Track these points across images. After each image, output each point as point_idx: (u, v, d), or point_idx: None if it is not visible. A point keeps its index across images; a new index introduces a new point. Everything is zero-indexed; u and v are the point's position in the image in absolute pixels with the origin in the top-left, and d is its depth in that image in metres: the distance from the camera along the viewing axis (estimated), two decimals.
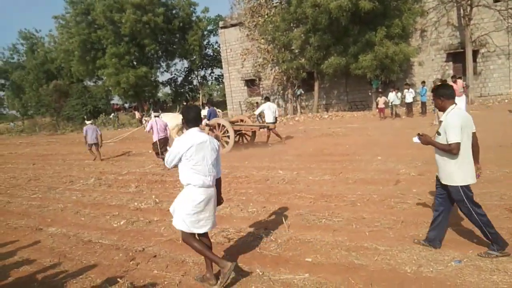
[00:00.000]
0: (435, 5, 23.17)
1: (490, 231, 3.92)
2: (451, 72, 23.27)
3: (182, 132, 12.93)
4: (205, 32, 38.02)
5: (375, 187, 6.98)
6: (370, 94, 24.79)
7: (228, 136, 12.74)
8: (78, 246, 5.56)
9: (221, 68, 34.76)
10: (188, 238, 3.86)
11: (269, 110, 14.23)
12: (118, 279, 4.29)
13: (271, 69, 27.07)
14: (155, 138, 11.30)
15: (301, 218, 5.65)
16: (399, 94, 19.62)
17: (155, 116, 12.08)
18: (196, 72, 41.19)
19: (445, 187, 4.09)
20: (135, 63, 33.64)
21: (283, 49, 24.95)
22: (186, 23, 33.92)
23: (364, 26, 21.58)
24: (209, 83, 46.31)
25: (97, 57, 33.08)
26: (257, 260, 4.42)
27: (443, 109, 4.09)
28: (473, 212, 3.92)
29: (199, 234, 3.91)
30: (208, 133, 12.36)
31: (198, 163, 3.67)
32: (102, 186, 9.76)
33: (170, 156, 3.72)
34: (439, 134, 4.03)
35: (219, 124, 13.19)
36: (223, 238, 5.23)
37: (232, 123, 13.89)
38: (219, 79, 43.12)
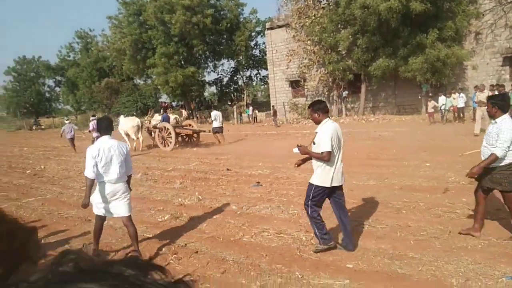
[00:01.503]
0: (492, 7, 21.99)
1: (316, 226, 4.60)
2: (507, 77, 22.05)
3: (140, 132, 16.67)
4: (253, 33, 38.30)
5: (422, 195, 6.74)
6: (419, 97, 23.97)
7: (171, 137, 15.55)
8: (124, 238, 5.76)
9: (267, 69, 34.87)
10: (97, 220, 4.91)
11: (217, 118, 16.80)
12: None
13: (317, 70, 26.82)
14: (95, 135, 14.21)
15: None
16: (450, 98, 18.85)
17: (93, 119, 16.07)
18: (242, 73, 41.60)
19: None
20: (183, 62, 34.45)
21: (329, 50, 24.66)
22: (233, 24, 34.32)
23: (415, 28, 20.90)
24: (254, 83, 46.60)
25: (147, 56, 34.18)
26: (297, 263, 4.40)
27: (318, 122, 4.61)
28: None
29: (121, 218, 4.93)
30: (158, 134, 16.03)
31: (106, 164, 4.56)
32: (149, 181, 10.07)
33: (87, 163, 4.57)
34: (314, 143, 4.57)
35: (164, 127, 15.74)
36: (263, 239, 5.25)
37: (181, 127, 16.93)
38: (264, 80, 43.29)
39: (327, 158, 4.39)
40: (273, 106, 29.43)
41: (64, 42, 65.33)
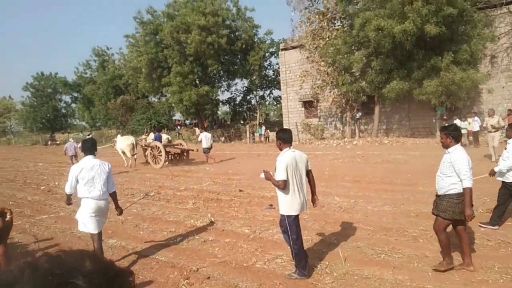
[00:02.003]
0: (508, 30, 21.88)
1: (298, 257, 4.63)
2: None
3: (135, 150, 17.94)
4: (266, 54, 38.68)
5: None
6: (434, 121, 23.75)
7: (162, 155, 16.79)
8: (136, 260, 5.73)
9: (280, 89, 35.03)
10: (93, 237, 5.18)
11: (205, 139, 18.14)
12: None
13: (330, 91, 26.85)
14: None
15: (359, 251, 5.44)
16: (466, 122, 18.64)
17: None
18: (255, 92, 41.87)
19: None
20: (197, 81, 34.84)
21: (343, 71, 24.70)
22: (248, 45, 34.71)
23: (430, 51, 20.85)
24: (267, 103, 46.78)
25: (162, 75, 34.63)
26: None
27: (280, 150, 4.84)
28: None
29: (94, 234, 5.15)
30: (150, 153, 17.25)
31: (88, 182, 4.99)
32: (161, 200, 10.07)
33: (68, 181, 5.07)
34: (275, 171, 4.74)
35: (156, 146, 17.01)
36: (276, 266, 5.16)
37: (172, 146, 18.68)
38: (277, 100, 43.48)
39: (282, 186, 4.58)
40: (265, 126, 29.77)
41: (82, 59, 66.80)
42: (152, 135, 19.11)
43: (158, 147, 16.88)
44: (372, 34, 20.65)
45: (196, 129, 36.31)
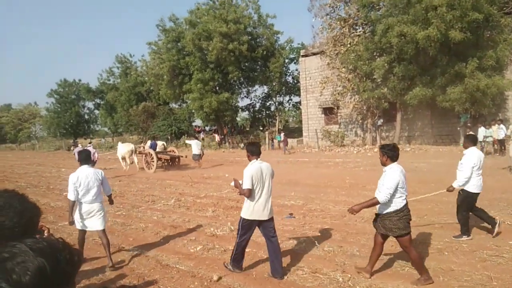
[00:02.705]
0: None
1: (235, 253, 5.24)
2: None
3: (134, 156, 19.56)
4: (286, 60, 38.66)
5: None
6: (458, 128, 23.23)
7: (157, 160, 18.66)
8: (156, 269, 5.74)
9: (299, 95, 34.93)
10: (79, 233, 5.91)
11: (196, 145, 19.37)
12: None
13: (351, 98, 26.61)
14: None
15: (382, 263, 5.32)
16: (490, 130, 18.17)
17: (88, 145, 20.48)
18: (274, 99, 41.85)
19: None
20: (218, 88, 35.06)
21: (364, 78, 24.46)
22: (269, 51, 34.77)
23: (454, 57, 20.46)
24: (286, 109, 46.67)
25: (183, 82, 34.96)
26: None
27: (249, 161, 5.17)
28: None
29: (97, 231, 5.97)
30: (144, 159, 19.06)
31: (83, 189, 5.64)
32: (181, 207, 10.11)
33: (69, 188, 5.67)
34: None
35: (149, 153, 18.88)
36: (297, 277, 5.08)
37: (164, 152, 20.26)
38: (296, 106, 43.34)
39: (246, 194, 5.02)
40: (284, 133, 29.61)
41: (105, 66, 68.06)
42: (149, 143, 20.57)
43: (151, 154, 18.72)
44: (395, 40, 20.40)
45: (216, 135, 36.52)
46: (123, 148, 19.80)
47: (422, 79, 21.41)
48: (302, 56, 31.77)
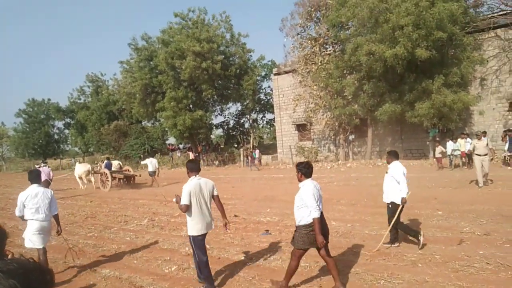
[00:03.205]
0: (496, 53, 22.37)
1: (203, 271, 5.33)
2: None
3: (91, 176, 20.98)
4: (258, 78, 39.03)
5: (437, 246, 6.55)
6: (427, 143, 23.91)
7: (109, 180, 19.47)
8: None
9: (273, 112, 35.25)
10: (39, 251, 5.99)
11: (150, 164, 20.12)
12: None
13: (323, 115, 27.07)
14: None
15: (358, 277, 5.35)
16: (458, 144, 18.80)
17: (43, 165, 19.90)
18: (248, 116, 42.05)
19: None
20: (191, 106, 34.96)
21: (335, 95, 24.97)
22: (242, 69, 35.06)
23: (421, 74, 21.20)
24: (260, 126, 46.94)
25: (156, 100, 34.69)
26: None
27: (189, 177, 5.45)
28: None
29: (39, 249, 6.00)
30: (100, 178, 20.07)
31: (32, 207, 5.91)
32: (155, 227, 9.91)
33: (17, 206, 5.95)
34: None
35: (104, 172, 19.76)
36: None
37: (118, 172, 21.15)
38: (270, 123, 43.67)
39: (183, 210, 5.25)
40: (253, 149, 30.27)
41: (76, 85, 66.58)
42: (105, 163, 21.14)
43: (106, 173, 19.68)
44: (364, 58, 20.99)
45: (190, 153, 36.22)
46: (80, 168, 21.37)
47: (391, 95, 22.03)
48: (275, 74, 32.21)
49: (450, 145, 18.88)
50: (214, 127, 42.74)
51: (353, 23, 23.13)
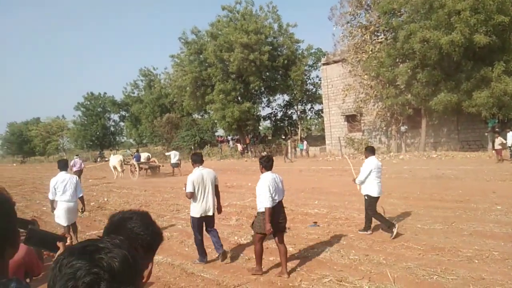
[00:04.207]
0: None
1: (198, 248, 6.34)
2: None
3: (124, 165, 23.18)
4: (306, 68, 38.58)
5: (495, 242, 6.22)
6: (485, 133, 22.64)
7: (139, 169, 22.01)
8: (182, 277, 5.79)
9: (321, 103, 34.78)
10: (64, 228, 7.00)
11: (174, 156, 22.88)
12: None
13: (374, 105, 26.35)
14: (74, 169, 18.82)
15: (409, 272, 5.21)
16: None
17: (75, 157, 21.72)
18: (296, 107, 41.76)
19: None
20: (239, 98, 35.28)
21: (387, 84, 24.19)
22: (290, 60, 34.81)
23: (479, 61, 20.06)
24: (308, 117, 46.45)
25: (206, 93, 35.32)
26: None
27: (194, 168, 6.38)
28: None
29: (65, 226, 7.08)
30: (130, 168, 22.65)
31: (61, 190, 6.95)
32: None
33: (50, 191, 7.02)
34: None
35: (132, 164, 22.47)
36: (323, 286, 5.03)
37: (146, 163, 23.43)
38: (319, 114, 43.08)
39: (188, 196, 6.17)
40: (285, 143, 30.43)
41: (130, 79, 69.05)
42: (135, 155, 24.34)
43: (134, 164, 22.27)
44: (417, 46, 20.16)
45: (238, 145, 36.65)
46: (114, 159, 23.83)
47: (446, 84, 21.03)
48: (324, 64, 31.71)
49: (510, 136, 17.76)
50: (261, 119, 42.87)
51: (406, 9, 22.26)
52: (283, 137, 39.34)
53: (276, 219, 5.35)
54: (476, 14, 18.26)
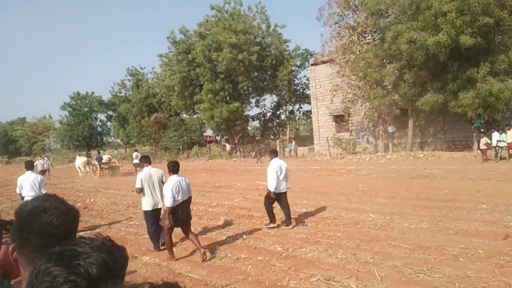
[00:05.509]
0: None
1: (151, 238, 7.28)
2: None
3: (87, 165, 25.56)
4: (294, 68, 38.69)
5: (481, 241, 6.30)
6: (474, 134, 22.91)
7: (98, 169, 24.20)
8: (169, 277, 5.74)
9: (309, 103, 34.90)
10: None
11: (136, 157, 24.36)
12: None
13: (362, 105, 26.53)
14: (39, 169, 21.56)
15: (396, 271, 5.25)
16: (504, 135, 17.92)
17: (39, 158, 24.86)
18: (284, 107, 41.86)
19: None
20: (228, 98, 35.24)
21: (375, 85, 24.38)
22: (278, 60, 34.88)
23: (465, 62, 20.32)
24: (297, 118, 46.58)
25: (194, 92, 35.22)
26: None
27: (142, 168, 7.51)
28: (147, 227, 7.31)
29: None
30: (91, 168, 25.16)
31: (27, 187, 7.88)
32: (194, 217, 10.01)
33: (17, 187, 8.04)
34: None
35: (94, 163, 24.98)
36: (311, 285, 5.04)
37: (106, 163, 25.81)
38: (307, 114, 43.23)
39: (138, 192, 7.16)
40: (259, 145, 31.63)
41: (117, 79, 68.43)
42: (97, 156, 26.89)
43: (96, 165, 24.65)
44: (404, 47, 20.34)
45: (227, 144, 36.59)
46: (79, 160, 26.16)
47: (433, 85, 21.27)
48: (312, 64, 31.84)
49: (495, 136, 18.04)
50: (250, 119, 42.88)
51: (393, 10, 22.44)
52: (272, 137, 39.41)
53: (178, 216, 6.31)
54: (462, 16, 18.49)
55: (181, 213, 6.32)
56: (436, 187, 11.73)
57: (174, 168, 6.45)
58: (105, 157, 27.35)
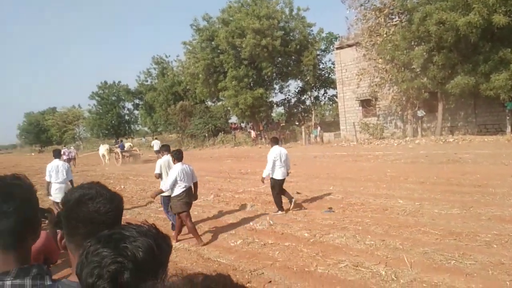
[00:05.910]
0: None
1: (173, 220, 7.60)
2: None
3: (111, 152, 26.78)
4: (319, 52, 38.10)
5: None
6: (508, 117, 22.11)
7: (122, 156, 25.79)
8: (198, 262, 5.86)
9: (335, 88, 34.40)
10: (54, 205, 8.11)
11: (156, 145, 26.36)
12: None
13: (389, 89, 25.95)
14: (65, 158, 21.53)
15: (426, 257, 5.17)
16: None
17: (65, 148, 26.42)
18: (309, 93, 41.41)
19: None
20: (252, 85, 35.11)
21: (402, 68, 23.76)
22: (302, 45, 34.41)
23: (497, 43, 19.51)
24: (322, 103, 46.01)
25: (218, 80, 35.26)
26: None
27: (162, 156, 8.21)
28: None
29: (57, 203, 8.02)
30: (114, 155, 26.42)
31: (54, 174, 8.36)
32: (221, 203, 10.25)
33: (47, 175, 8.43)
34: None
35: (116, 152, 26.28)
36: (339, 271, 5.03)
37: (128, 151, 27.31)
38: (332, 99, 42.64)
39: (156, 177, 7.93)
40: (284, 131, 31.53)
41: (143, 68, 69.30)
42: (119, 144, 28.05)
43: (117, 152, 25.98)
44: (433, 28, 19.68)
45: (252, 131, 36.61)
46: (102, 148, 27.45)
47: (463, 67, 20.56)
48: (337, 48, 31.26)
49: None
50: (275, 105, 42.67)
51: None
52: (297, 123, 39.16)
53: (187, 200, 6.67)
54: None
55: (188, 197, 6.73)
56: (467, 172, 11.42)
57: (178, 156, 6.88)
58: (127, 145, 28.88)
